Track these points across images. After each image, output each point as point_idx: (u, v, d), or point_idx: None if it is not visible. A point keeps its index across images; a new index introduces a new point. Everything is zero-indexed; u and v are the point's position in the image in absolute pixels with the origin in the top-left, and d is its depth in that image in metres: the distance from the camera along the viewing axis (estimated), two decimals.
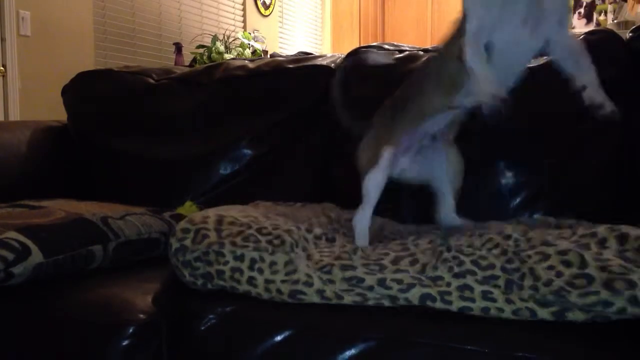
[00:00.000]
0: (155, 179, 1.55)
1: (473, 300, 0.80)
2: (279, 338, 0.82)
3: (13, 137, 1.57)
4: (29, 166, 1.57)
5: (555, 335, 0.75)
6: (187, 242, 0.92)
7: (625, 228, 0.83)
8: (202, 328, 0.86)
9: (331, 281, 0.86)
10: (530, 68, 1.29)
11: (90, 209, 1.14)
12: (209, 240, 0.92)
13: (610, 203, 1.20)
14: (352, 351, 0.79)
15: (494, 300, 0.80)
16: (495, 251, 0.85)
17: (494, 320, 0.79)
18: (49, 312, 0.93)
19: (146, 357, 0.88)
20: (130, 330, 0.87)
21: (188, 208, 1.37)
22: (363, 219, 1.03)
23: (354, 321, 0.83)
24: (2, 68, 2.70)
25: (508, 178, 1.24)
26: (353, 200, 1.05)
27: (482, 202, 1.23)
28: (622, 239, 0.81)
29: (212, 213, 0.98)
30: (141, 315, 0.89)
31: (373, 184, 1.03)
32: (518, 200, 1.22)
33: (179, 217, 1.23)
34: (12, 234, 0.95)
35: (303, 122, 1.49)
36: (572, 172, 1.22)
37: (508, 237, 0.88)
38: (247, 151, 1.50)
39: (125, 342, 0.86)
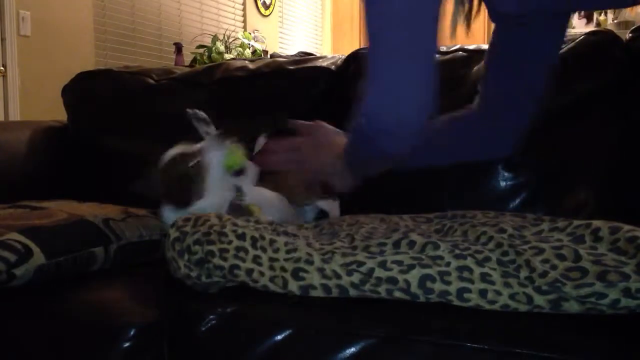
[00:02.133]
0: None
1: (472, 281, 0.81)
2: (279, 337, 0.82)
3: (13, 137, 1.57)
4: (29, 166, 1.57)
5: (555, 332, 0.75)
6: (187, 229, 0.91)
7: (620, 224, 0.85)
8: (203, 329, 0.86)
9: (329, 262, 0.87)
10: None
11: (91, 211, 1.14)
12: (210, 222, 0.92)
13: (610, 203, 1.20)
14: (353, 349, 0.79)
15: (492, 282, 0.81)
16: (490, 245, 0.86)
17: (495, 317, 0.80)
18: (50, 314, 0.93)
19: (148, 359, 0.88)
20: (132, 333, 0.87)
21: None
22: None
23: (354, 319, 0.83)
24: (2, 68, 2.71)
25: (507, 178, 1.24)
26: (352, 201, 1.05)
27: (482, 203, 1.23)
28: (615, 230, 0.83)
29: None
30: (143, 318, 0.89)
31: None
32: (517, 201, 1.22)
33: None
34: (14, 236, 0.95)
35: None
36: (572, 173, 1.22)
37: (502, 230, 0.89)
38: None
39: (126, 345, 0.86)
